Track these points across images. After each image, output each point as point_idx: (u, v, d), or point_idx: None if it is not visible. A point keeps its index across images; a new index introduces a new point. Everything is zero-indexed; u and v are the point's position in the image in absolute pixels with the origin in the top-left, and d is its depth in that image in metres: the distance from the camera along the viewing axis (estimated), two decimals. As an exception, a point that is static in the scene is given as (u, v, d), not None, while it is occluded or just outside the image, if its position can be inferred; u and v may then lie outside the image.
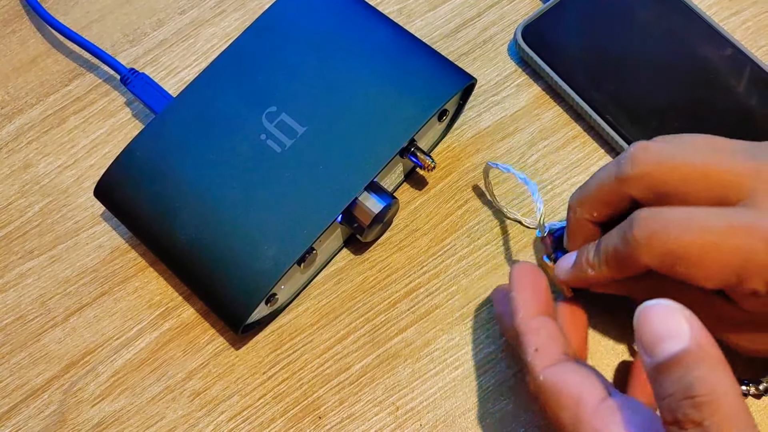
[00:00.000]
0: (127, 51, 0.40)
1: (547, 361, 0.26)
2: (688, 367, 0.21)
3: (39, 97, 0.40)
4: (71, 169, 0.38)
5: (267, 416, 0.33)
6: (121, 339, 0.34)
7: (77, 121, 0.39)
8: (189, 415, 0.33)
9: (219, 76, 0.34)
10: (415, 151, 0.33)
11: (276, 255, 0.31)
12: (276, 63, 0.34)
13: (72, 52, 0.41)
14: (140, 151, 0.34)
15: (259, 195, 0.32)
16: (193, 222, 0.32)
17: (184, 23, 0.41)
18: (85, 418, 0.33)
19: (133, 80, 0.37)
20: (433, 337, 0.33)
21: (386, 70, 0.34)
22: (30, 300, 0.35)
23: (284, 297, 0.34)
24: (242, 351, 0.34)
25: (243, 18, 0.41)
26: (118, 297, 0.35)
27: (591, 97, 0.35)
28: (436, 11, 0.40)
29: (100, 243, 0.36)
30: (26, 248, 0.36)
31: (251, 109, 0.33)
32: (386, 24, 0.35)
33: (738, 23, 0.38)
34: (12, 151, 0.39)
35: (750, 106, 0.34)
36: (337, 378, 0.33)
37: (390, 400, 0.32)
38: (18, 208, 0.37)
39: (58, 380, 0.34)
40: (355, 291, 0.34)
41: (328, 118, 0.33)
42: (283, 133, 0.33)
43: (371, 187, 0.32)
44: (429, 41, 0.39)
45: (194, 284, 0.33)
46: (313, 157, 0.32)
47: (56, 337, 0.35)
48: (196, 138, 0.33)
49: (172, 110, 0.34)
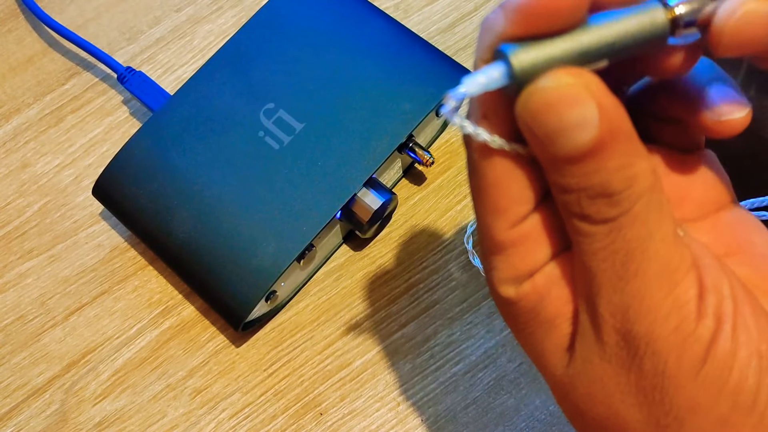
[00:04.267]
0: (124, 49, 0.40)
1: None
2: (600, 159, 0.17)
3: (36, 97, 0.40)
4: (69, 168, 0.38)
5: (268, 413, 0.33)
6: (121, 338, 0.34)
7: (75, 120, 0.39)
8: (190, 413, 0.33)
9: (216, 74, 0.34)
10: (413, 146, 0.33)
11: (276, 252, 0.31)
12: (273, 59, 0.34)
13: (68, 51, 0.40)
14: (138, 150, 0.34)
15: (258, 192, 0.32)
16: (193, 220, 0.32)
17: (181, 20, 0.41)
18: (86, 417, 0.33)
19: (130, 78, 0.37)
20: (434, 333, 0.33)
21: (383, 65, 0.34)
22: (30, 300, 0.35)
23: (284, 294, 0.34)
24: (243, 348, 0.34)
25: (239, 15, 0.40)
26: (117, 296, 0.35)
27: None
28: (432, 6, 0.40)
29: (99, 242, 0.36)
30: (25, 248, 0.36)
31: (249, 106, 0.33)
32: (383, 19, 0.35)
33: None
34: (10, 150, 0.38)
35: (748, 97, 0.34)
36: (338, 374, 0.33)
37: (391, 396, 0.32)
38: (16, 208, 0.37)
39: (59, 380, 0.34)
40: (355, 287, 0.34)
41: (326, 115, 0.33)
42: (280, 130, 0.33)
43: (370, 183, 0.32)
44: (426, 36, 0.38)
45: (194, 282, 0.33)
46: (312, 153, 0.32)
47: (56, 336, 0.35)
48: (193, 135, 0.33)
49: (169, 108, 0.34)
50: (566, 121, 0.17)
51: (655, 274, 0.17)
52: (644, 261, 0.17)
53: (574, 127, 0.17)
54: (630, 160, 0.17)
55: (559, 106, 0.16)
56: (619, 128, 0.17)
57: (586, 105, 0.16)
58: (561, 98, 0.16)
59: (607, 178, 0.17)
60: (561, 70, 0.17)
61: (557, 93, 0.16)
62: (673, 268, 0.18)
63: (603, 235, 0.18)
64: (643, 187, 0.17)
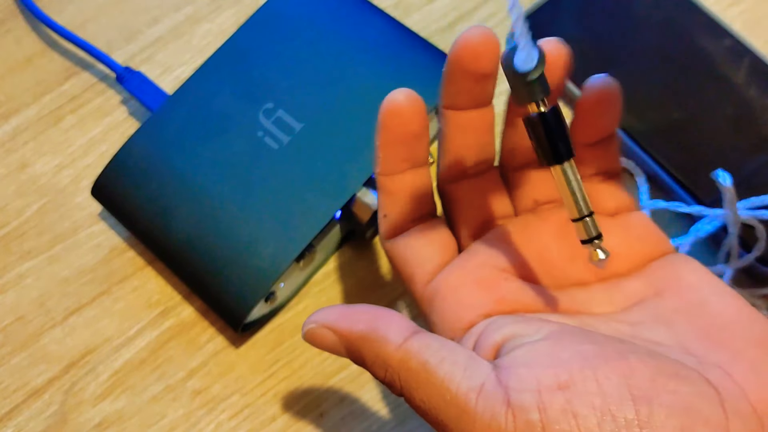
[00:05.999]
0: (122, 49, 0.40)
1: (392, 231, 0.27)
2: (365, 365, 0.23)
3: (34, 97, 0.39)
4: (68, 168, 0.38)
5: (268, 414, 0.33)
6: (120, 338, 0.34)
7: (73, 121, 0.39)
8: (190, 414, 0.33)
9: (215, 73, 0.34)
10: (413, 146, 0.33)
11: (275, 253, 0.31)
12: (272, 59, 0.34)
13: (67, 51, 0.40)
14: (137, 150, 0.33)
15: (257, 192, 0.32)
16: (192, 220, 0.32)
17: (179, 20, 0.40)
18: (86, 418, 0.33)
19: (129, 78, 0.37)
20: (434, 333, 0.33)
21: (383, 64, 0.33)
22: (29, 301, 0.35)
23: (284, 295, 0.34)
24: (242, 349, 0.34)
25: (238, 14, 0.40)
26: (117, 296, 0.35)
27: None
28: (432, 5, 0.39)
29: (99, 242, 0.36)
30: (24, 249, 0.36)
31: (248, 106, 0.33)
32: (383, 18, 0.35)
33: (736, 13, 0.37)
34: (8, 151, 0.38)
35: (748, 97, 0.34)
36: (337, 375, 0.33)
37: (391, 397, 0.32)
38: (15, 209, 0.37)
39: (58, 380, 0.34)
40: (354, 288, 0.34)
41: (326, 114, 0.33)
42: (280, 130, 0.33)
43: (370, 183, 0.32)
44: (426, 35, 0.38)
45: (193, 283, 0.33)
46: (311, 153, 0.32)
47: (56, 337, 0.35)
48: (192, 135, 0.33)
49: (168, 108, 0.34)
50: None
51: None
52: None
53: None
54: (377, 358, 0.22)
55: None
56: (356, 336, 0.23)
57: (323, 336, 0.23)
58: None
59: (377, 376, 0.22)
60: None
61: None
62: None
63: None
64: (400, 369, 0.21)
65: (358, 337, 0.22)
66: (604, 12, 0.37)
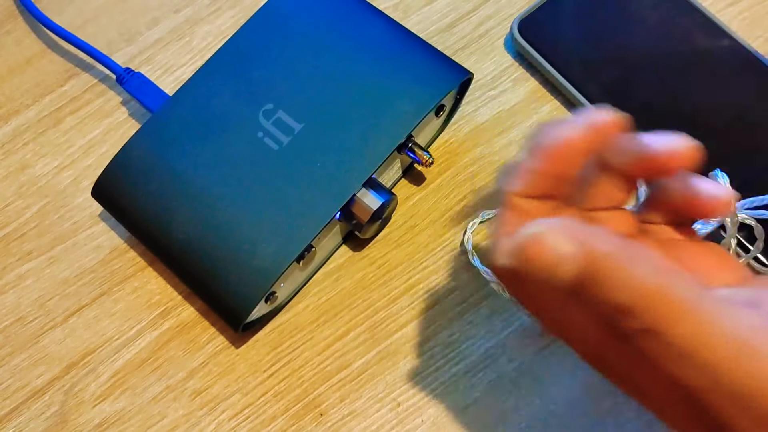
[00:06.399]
0: (123, 50, 0.40)
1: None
2: (593, 286, 0.19)
3: (35, 98, 0.39)
4: (68, 169, 0.38)
5: (268, 414, 0.33)
6: (121, 339, 0.34)
7: (73, 122, 0.39)
8: (190, 414, 0.33)
9: (215, 74, 0.34)
10: (412, 146, 0.33)
11: (275, 253, 0.31)
12: (272, 60, 0.34)
13: (67, 52, 0.40)
14: (137, 151, 0.33)
15: (257, 193, 0.32)
16: (192, 221, 0.32)
17: (179, 21, 0.41)
18: (86, 419, 0.33)
19: (129, 79, 0.37)
20: (434, 333, 0.33)
21: (383, 65, 0.34)
22: (29, 301, 0.35)
23: (284, 295, 0.34)
24: (242, 349, 0.34)
25: (238, 16, 0.40)
26: (117, 297, 0.35)
27: (588, 90, 0.35)
28: (431, 6, 0.40)
29: (99, 243, 0.36)
30: (24, 249, 0.36)
31: (248, 107, 0.33)
32: (382, 19, 0.35)
33: (734, 13, 0.37)
34: (8, 152, 0.38)
35: (747, 97, 0.34)
36: (337, 375, 0.33)
37: (391, 396, 0.32)
38: (16, 210, 0.37)
39: (58, 381, 0.34)
40: (354, 288, 0.34)
41: (325, 115, 0.33)
42: (280, 131, 0.33)
43: (369, 183, 0.32)
44: (425, 36, 0.38)
45: (193, 283, 0.33)
46: (311, 154, 0.32)
47: (56, 338, 0.35)
48: (192, 136, 0.33)
49: (168, 109, 0.34)
50: (544, 261, 0.19)
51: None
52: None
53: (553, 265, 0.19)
54: (624, 281, 0.19)
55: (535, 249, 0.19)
56: (603, 254, 0.19)
57: (559, 246, 0.19)
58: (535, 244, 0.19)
59: (607, 299, 0.19)
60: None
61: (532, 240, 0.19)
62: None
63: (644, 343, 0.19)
64: (654, 299, 0.18)
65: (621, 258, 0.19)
66: (604, 12, 0.37)
